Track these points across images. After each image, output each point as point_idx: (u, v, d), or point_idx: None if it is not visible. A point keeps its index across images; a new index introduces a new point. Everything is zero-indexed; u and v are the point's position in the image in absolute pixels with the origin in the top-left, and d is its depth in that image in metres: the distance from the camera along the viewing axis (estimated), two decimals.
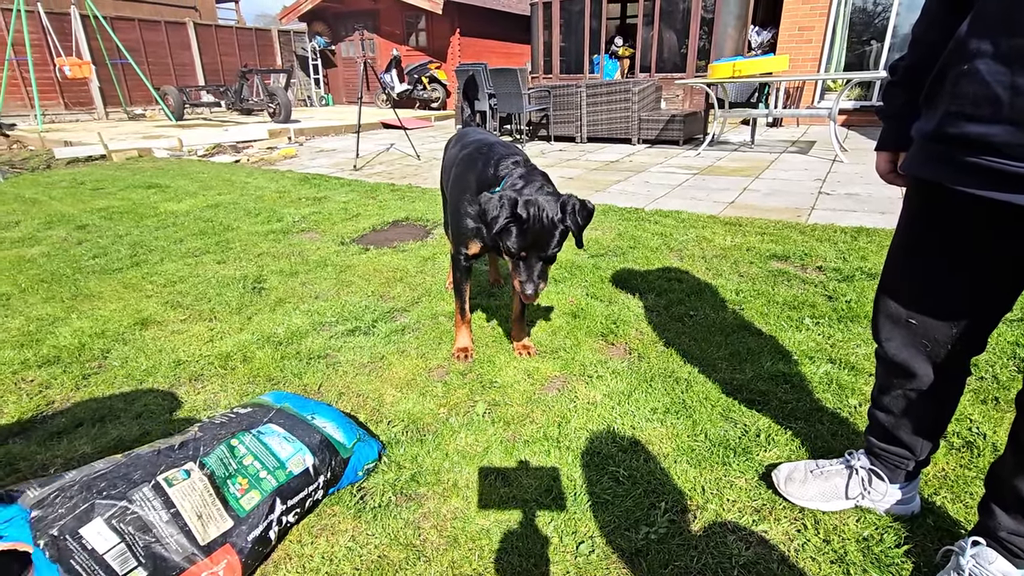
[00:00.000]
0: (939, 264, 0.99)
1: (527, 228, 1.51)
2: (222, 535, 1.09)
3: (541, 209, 1.52)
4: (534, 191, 1.58)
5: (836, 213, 3.57)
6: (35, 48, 10.24)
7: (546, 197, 1.55)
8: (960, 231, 0.94)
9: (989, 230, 0.90)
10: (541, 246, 1.54)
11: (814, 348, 1.93)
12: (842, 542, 1.16)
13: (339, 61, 15.61)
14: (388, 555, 1.17)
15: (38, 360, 2.04)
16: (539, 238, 1.53)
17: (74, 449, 1.55)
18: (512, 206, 1.51)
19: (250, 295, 2.61)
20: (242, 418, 1.34)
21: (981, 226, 0.91)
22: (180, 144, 7.56)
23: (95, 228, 3.80)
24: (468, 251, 1.86)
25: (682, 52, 9.77)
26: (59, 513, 1.00)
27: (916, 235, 1.03)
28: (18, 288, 2.75)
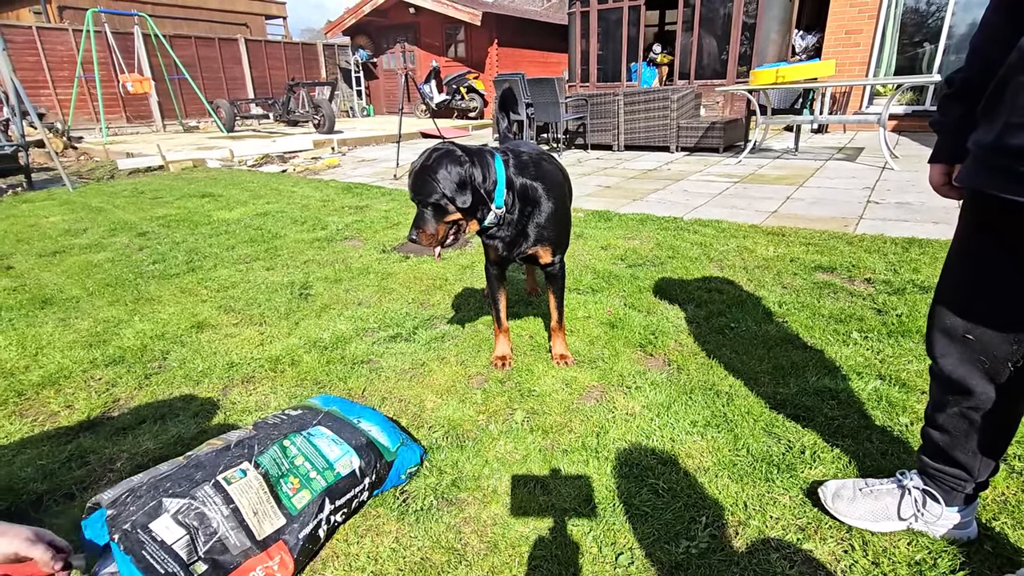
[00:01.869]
0: (997, 278, 0.96)
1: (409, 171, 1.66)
2: (276, 531, 1.14)
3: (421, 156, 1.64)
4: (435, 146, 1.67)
5: (886, 223, 3.45)
6: (101, 66, 10.95)
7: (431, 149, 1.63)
8: (1019, 243, 0.91)
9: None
10: (416, 190, 1.62)
11: (862, 363, 1.87)
12: (892, 565, 1.13)
13: (380, 73, 16.05)
14: (431, 557, 1.20)
15: (105, 360, 2.18)
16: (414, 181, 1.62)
17: (138, 445, 1.66)
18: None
19: (297, 301, 2.72)
20: (293, 420, 1.40)
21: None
22: (231, 155, 7.92)
23: (154, 235, 4.03)
24: (489, 257, 1.93)
25: (722, 58, 9.62)
26: (130, 511, 1.07)
27: (973, 248, 1.00)
28: (86, 291, 2.94)
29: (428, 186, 1.58)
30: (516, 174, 1.72)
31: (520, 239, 1.82)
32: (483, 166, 1.65)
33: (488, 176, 1.66)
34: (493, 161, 1.69)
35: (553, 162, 1.96)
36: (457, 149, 1.64)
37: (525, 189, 1.74)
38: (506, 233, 1.78)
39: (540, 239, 1.82)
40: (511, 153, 1.77)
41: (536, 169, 1.78)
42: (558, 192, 1.83)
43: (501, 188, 1.68)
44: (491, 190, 1.66)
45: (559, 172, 1.95)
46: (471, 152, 1.66)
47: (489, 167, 1.66)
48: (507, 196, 1.70)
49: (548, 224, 1.80)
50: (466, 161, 1.61)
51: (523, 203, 1.75)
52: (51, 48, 10.98)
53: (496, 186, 1.67)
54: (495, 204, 1.68)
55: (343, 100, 15.85)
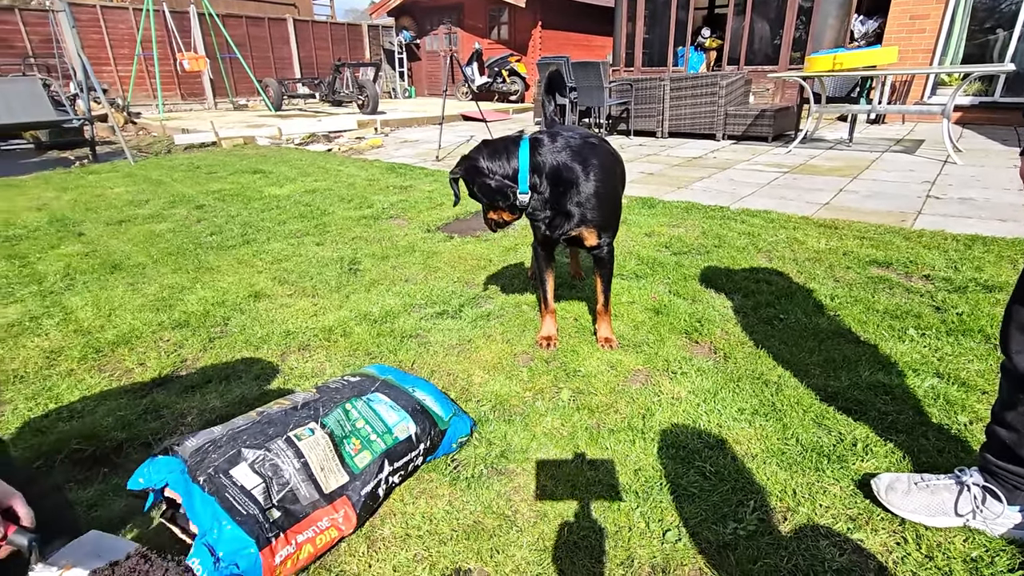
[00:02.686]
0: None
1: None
2: (340, 487, 1.21)
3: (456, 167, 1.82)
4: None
5: (947, 219, 3.30)
6: (159, 44, 11.35)
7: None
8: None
9: None
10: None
11: (919, 360, 1.82)
12: (947, 560, 1.12)
13: (423, 54, 16.09)
14: (482, 521, 1.26)
15: (172, 323, 2.32)
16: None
17: (206, 402, 1.77)
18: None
19: (347, 275, 2.81)
20: (353, 385, 1.47)
21: None
22: (279, 133, 8.13)
23: (211, 208, 4.20)
24: (536, 237, 2.00)
25: (775, 43, 9.27)
26: (212, 458, 1.16)
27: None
28: (151, 259, 3.11)
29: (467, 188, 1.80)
30: (546, 157, 1.75)
31: (561, 219, 1.83)
32: (497, 157, 1.74)
33: (506, 165, 1.72)
34: (516, 148, 1.74)
35: (601, 145, 1.91)
36: (473, 152, 1.78)
37: (557, 170, 1.75)
38: (544, 214, 1.83)
39: (583, 220, 1.82)
40: (547, 136, 1.79)
41: (572, 151, 1.77)
42: (601, 174, 1.80)
43: (524, 173, 1.72)
44: (510, 176, 1.73)
45: (607, 155, 1.90)
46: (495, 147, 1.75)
47: (506, 156, 1.73)
48: (533, 179, 1.75)
49: (590, 205, 1.80)
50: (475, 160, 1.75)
51: (554, 183, 1.77)
52: (113, 26, 11.42)
53: (519, 172, 1.72)
54: (519, 189, 1.73)
55: (386, 81, 15.99)
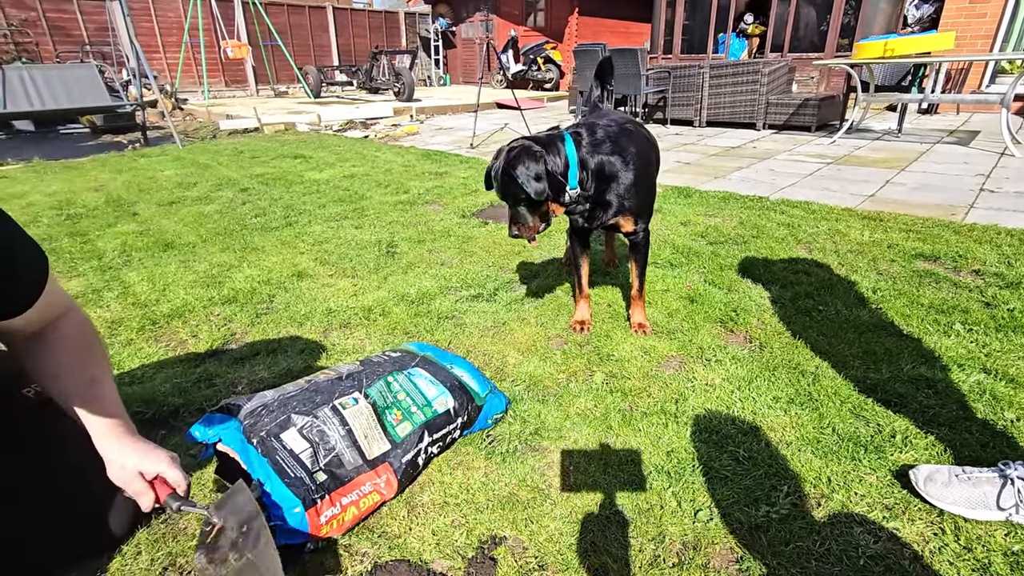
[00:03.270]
0: None
1: (490, 177, 1.76)
2: (383, 454, 1.27)
3: (497, 159, 1.72)
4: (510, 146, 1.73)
5: (1002, 213, 3.17)
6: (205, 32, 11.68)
7: (510, 149, 1.70)
8: None
9: None
10: (507, 194, 1.72)
11: (964, 355, 1.78)
12: (987, 552, 1.11)
13: (458, 42, 16.11)
14: (517, 493, 1.30)
15: (221, 299, 2.43)
16: (503, 187, 1.71)
17: (254, 373, 1.86)
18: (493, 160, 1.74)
19: (384, 258, 2.88)
20: (394, 360, 1.53)
21: None
22: (318, 120, 8.31)
23: (255, 191, 4.35)
24: (572, 226, 2.01)
25: (822, 29, 8.93)
26: (264, 422, 1.23)
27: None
28: (200, 238, 3.25)
29: (514, 186, 1.68)
30: (589, 153, 1.76)
31: (599, 210, 1.86)
32: (555, 153, 1.72)
33: (560, 161, 1.73)
34: (564, 145, 1.74)
35: (638, 131, 1.91)
36: (532, 144, 1.71)
37: (601, 166, 1.78)
38: (583, 208, 1.86)
39: (621, 209, 1.84)
40: (586, 130, 1.80)
41: (613, 144, 1.79)
42: (639, 163, 1.82)
43: (574, 170, 1.74)
44: (564, 172, 1.73)
45: (644, 140, 1.91)
46: (543, 142, 1.73)
47: (560, 152, 1.73)
48: (581, 175, 1.76)
49: (628, 194, 1.82)
50: (540, 154, 1.68)
51: (599, 180, 1.80)
52: (163, 14, 11.82)
53: (569, 168, 1.73)
54: (569, 186, 1.75)
55: (421, 69, 16.09)
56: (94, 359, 1.04)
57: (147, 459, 1.02)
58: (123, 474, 1.00)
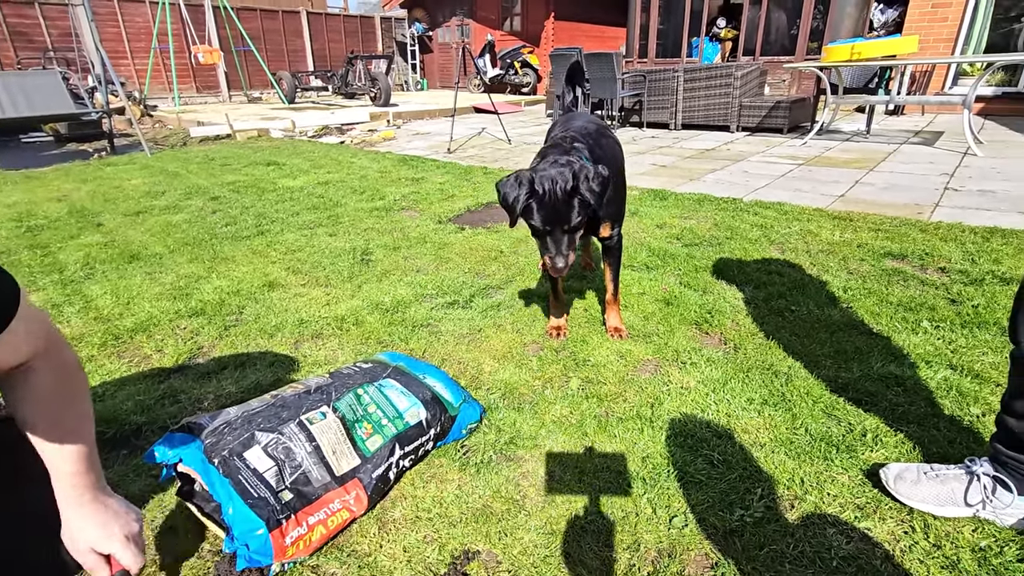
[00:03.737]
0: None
1: (544, 203, 1.54)
2: (352, 470, 1.24)
3: (555, 183, 1.53)
4: (548, 166, 1.59)
5: (965, 211, 3.25)
6: (175, 37, 11.47)
7: (559, 169, 1.55)
8: None
9: None
10: (562, 219, 1.56)
11: (932, 352, 1.81)
12: (955, 549, 1.12)
13: (435, 47, 16.07)
14: (491, 505, 1.28)
15: (188, 311, 2.36)
16: (559, 212, 1.55)
17: (222, 388, 1.80)
18: (528, 184, 1.54)
19: (359, 266, 2.84)
20: (365, 371, 1.50)
21: None
22: (293, 126, 8.19)
23: (225, 200, 4.26)
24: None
25: (792, 33, 9.13)
26: (227, 440, 1.19)
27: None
28: (168, 249, 3.16)
29: (575, 210, 1.56)
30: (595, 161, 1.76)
31: None
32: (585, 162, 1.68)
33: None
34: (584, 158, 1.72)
35: (609, 136, 2.01)
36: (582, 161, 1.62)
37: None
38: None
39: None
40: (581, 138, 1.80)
41: (601, 151, 1.83)
42: (615, 167, 1.86)
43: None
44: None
45: (615, 145, 2.01)
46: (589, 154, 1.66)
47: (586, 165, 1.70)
48: None
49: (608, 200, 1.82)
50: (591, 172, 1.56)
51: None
52: (130, 20, 11.55)
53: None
54: None
55: (398, 74, 16.01)
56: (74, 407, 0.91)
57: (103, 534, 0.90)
58: (75, 545, 0.90)
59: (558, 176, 1.55)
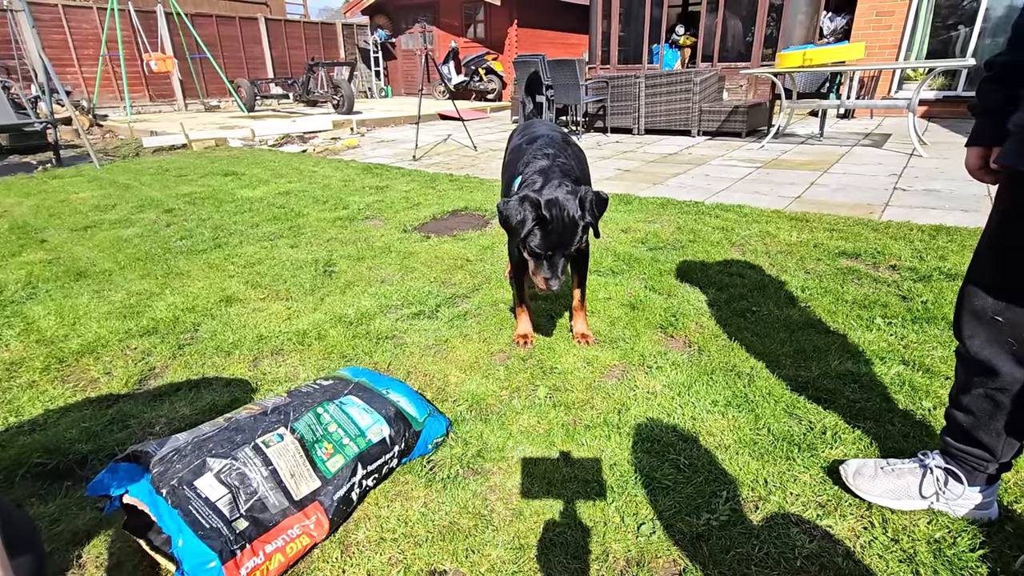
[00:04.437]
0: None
1: (551, 229, 1.54)
2: (312, 493, 1.19)
3: (563, 209, 1.54)
4: (553, 190, 1.58)
5: (913, 210, 3.39)
6: (126, 45, 11.05)
7: (566, 196, 1.56)
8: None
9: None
10: (565, 244, 1.57)
11: (885, 348, 1.87)
12: (912, 542, 1.15)
13: (399, 53, 15.96)
14: (458, 522, 1.25)
15: (139, 330, 2.26)
16: (563, 237, 1.56)
17: (175, 411, 1.72)
18: (535, 208, 1.53)
19: (322, 277, 2.77)
20: (325, 389, 1.45)
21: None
22: (252, 134, 7.99)
23: (181, 212, 4.11)
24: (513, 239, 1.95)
25: (747, 40, 9.41)
26: (176, 469, 1.13)
27: (1008, 229, 1.00)
28: (118, 265, 3.02)
29: (579, 236, 1.58)
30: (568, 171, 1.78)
31: None
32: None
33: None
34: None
35: (573, 143, 2.02)
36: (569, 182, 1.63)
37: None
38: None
39: None
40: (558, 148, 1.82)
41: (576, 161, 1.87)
42: (587, 177, 1.89)
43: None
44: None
45: (581, 152, 2.03)
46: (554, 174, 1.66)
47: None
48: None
49: None
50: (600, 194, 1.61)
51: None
52: (76, 26, 11.09)
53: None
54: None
55: (361, 81, 15.83)
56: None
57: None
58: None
59: (566, 202, 1.55)
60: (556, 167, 1.71)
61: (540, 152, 1.78)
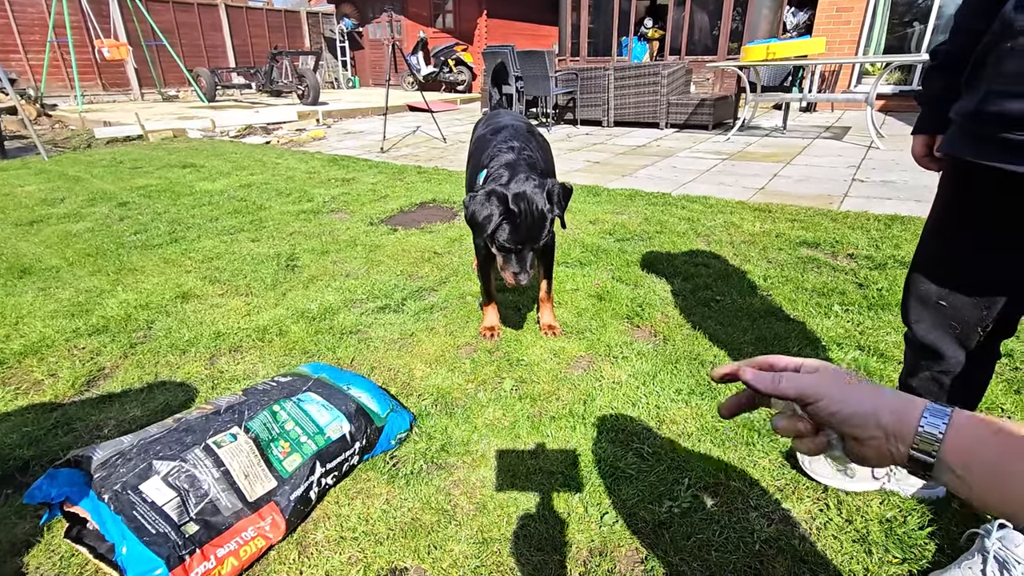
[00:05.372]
0: (972, 245, 0.99)
1: (520, 223, 1.53)
2: (267, 493, 1.16)
3: (531, 203, 1.53)
4: (521, 184, 1.56)
5: (870, 201, 3.49)
6: (75, 30, 10.51)
7: (533, 189, 1.55)
8: (995, 211, 0.94)
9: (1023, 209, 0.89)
10: (534, 238, 1.57)
11: (843, 335, 1.92)
12: (865, 522, 1.18)
13: (366, 43, 15.65)
14: (420, 518, 1.23)
15: (88, 329, 2.16)
16: (532, 231, 1.55)
17: (125, 412, 1.65)
18: (503, 203, 1.51)
19: (284, 272, 2.69)
20: (283, 386, 1.41)
21: (1016, 205, 0.90)
22: (213, 125, 7.72)
23: (135, 205, 3.94)
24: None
25: (714, 34, 9.54)
26: (120, 472, 1.08)
27: (950, 216, 1.03)
28: (67, 261, 2.88)
29: (546, 229, 1.57)
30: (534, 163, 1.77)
31: None
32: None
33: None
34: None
35: (538, 134, 2.01)
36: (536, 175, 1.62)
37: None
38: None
39: None
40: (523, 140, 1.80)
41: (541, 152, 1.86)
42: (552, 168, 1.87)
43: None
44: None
45: (546, 143, 2.01)
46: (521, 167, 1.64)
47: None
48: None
49: None
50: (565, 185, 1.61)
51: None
52: (20, 10, 10.49)
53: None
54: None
55: (328, 71, 15.46)
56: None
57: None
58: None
59: (534, 196, 1.53)
60: (522, 160, 1.69)
61: (505, 145, 1.76)
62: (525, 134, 1.89)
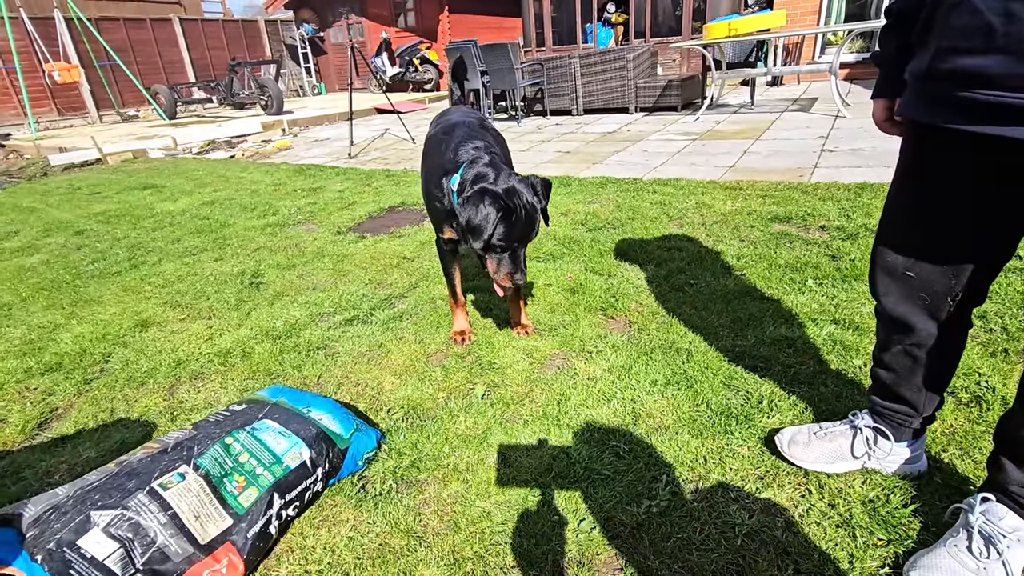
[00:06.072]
0: (935, 212, 0.94)
1: (516, 220, 1.48)
2: (222, 533, 1.09)
3: (523, 198, 1.50)
4: (509, 180, 1.52)
5: (839, 170, 3.48)
6: (23, 55, 10.17)
7: (521, 184, 1.52)
8: (955, 175, 0.90)
9: (985, 172, 0.85)
10: (527, 234, 1.54)
11: (817, 310, 1.89)
12: (848, 505, 1.14)
13: (329, 48, 15.38)
14: (389, 543, 1.17)
15: (40, 368, 2.06)
16: (526, 227, 1.52)
17: (77, 454, 1.56)
18: (497, 201, 1.46)
19: (248, 290, 2.60)
20: (237, 416, 1.33)
21: (977, 168, 0.86)
22: (174, 143, 7.52)
23: (93, 233, 3.80)
24: (444, 235, 1.84)
25: (676, 14, 9.50)
26: (54, 529, 1.00)
27: (911, 183, 0.98)
28: (19, 297, 2.76)
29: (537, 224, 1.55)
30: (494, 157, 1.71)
31: None
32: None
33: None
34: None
35: (491, 127, 1.95)
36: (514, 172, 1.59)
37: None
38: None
39: None
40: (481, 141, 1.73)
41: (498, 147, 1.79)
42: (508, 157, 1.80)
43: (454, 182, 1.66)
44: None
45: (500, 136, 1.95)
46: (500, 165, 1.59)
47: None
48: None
49: None
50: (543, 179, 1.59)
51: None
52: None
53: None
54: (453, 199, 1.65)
55: (292, 79, 15.18)
56: None
57: None
58: None
59: (525, 192, 1.50)
60: (494, 157, 1.63)
61: (470, 146, 1.67)
62: (479, 129, 1.82)
